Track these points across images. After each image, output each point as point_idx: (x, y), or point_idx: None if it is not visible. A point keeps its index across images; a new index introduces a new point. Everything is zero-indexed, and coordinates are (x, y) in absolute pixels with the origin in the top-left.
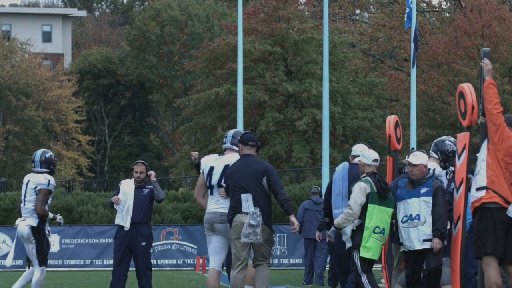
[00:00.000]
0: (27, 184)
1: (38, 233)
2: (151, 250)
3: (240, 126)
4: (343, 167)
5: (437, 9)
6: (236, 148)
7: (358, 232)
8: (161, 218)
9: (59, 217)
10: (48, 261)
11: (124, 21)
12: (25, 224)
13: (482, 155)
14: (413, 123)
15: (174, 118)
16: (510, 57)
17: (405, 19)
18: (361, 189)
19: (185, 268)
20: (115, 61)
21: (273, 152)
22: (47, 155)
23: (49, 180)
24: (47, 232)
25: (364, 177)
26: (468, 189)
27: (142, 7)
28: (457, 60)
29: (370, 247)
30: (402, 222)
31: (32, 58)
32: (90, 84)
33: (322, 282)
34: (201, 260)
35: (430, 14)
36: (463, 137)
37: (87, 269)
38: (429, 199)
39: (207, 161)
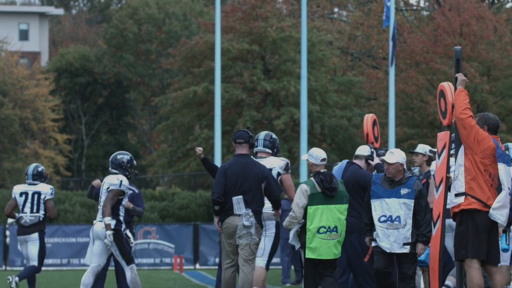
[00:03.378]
0: (103, 185)
1: (117, 234)
2: (132, 249)
3: (217, 125)
4: (339, 166)
5: (415, 7)
6: (269, 151)
7: (302, 234)
8: (138, 217)
9: (109, 234)
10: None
11: (101, 19)
12: (101, 225)
13: (460, 160)
14: (392, 122)
15: (152, 116)
16: (488, 56)
17: (384, 17)
18: (302, 191)
19: (162, 268)
20: (92, 59)
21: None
22: (119, 156)
23: (121, 181)
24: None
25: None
26: (448, 188)
27: (119, 5)
28: (436, 59)
29: (316, 248)
30: (380, 221)
31: (8, 56)
32: (67, 83)
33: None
34: (178, 259)
35: (408, 13)
36: (443, 136)
37: (64, 268)
38: (411, 202)
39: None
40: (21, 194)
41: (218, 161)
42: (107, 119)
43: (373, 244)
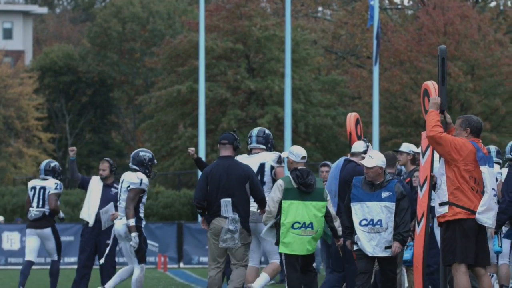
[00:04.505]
0: (122, 183)
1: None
2: (117, 248)
3: (201, 124)
4: (337, 164)
5: (399, 6)
6: (263, 147)
7: (278, 228)
8: None
9: (134, 236)
10: (9, 259)
11: (85, 18)
12: (122, 223)
13: (441, 169)
14: (376, 121)
15: (136, 115)
16: (472, 55)
17: (368, 16)
18: (277, 186)
19: (146, 267)
20: (76, 58)
21: None
22: (141, 153)
23: (141, 179)
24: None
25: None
26: (432, 187)
27: (103, 4)
28: (420, 58)
29: (289, 242)
30: (361, 225)
31: None
32: (51, 81)
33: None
34: (162, 258)
35: (392, 12)
36: None
37: (48, 267)
38: (392, 205)
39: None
40: (31, 189)
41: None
42: (91, 117)
43: (355, 247)
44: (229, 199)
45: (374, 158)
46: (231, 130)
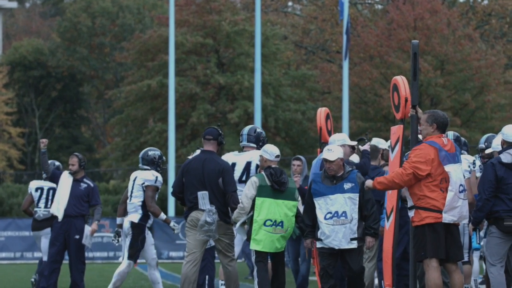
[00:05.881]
0: (134, 180)
1: (137, 229)
2: (86, 244)
3: (171, 118)
4: (316, 160)
5: (369, 1)
6: (253, 145)
7: (250, 225)
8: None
9: (173, 224)
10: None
11: (55, 12)
12: (127, 219)
13: None
14: (345, 116)
15: (105, 110)
16: (442, 50)
17: (338, 11)
18: (251, 182)
19: (116, 261)
20: (46, 53)
21: None
22: (150, 153)
23: (156, 177)
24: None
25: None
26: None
27: None
28: (390, 53)
29: (261, 240)
30: (326, 219)
31: None
32: (21, 76)
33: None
34: None
35: (362, 7)
36: (397, 130)
37: (17, 262)
38: (355, 196)
39: (228, 158)
40: (36, 189)
41: (172, 155)
42: (60, 112)
43: (318, 245)
44: (206, 192)
45: (335, 151)
46: (215, 125)
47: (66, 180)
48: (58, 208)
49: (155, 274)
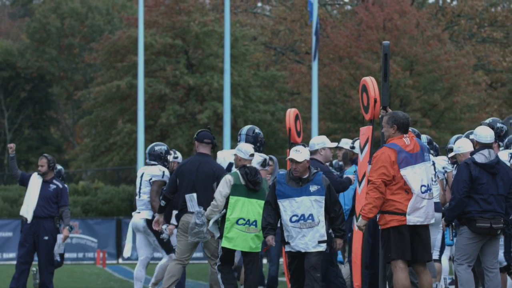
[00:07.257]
0: (141, 176)
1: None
2: (55, 246)
3: (141, 119)
4: None
5: (339, 2)
6: (251, 146)
7: (222, 223)
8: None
9: (165, 227)
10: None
11: (24, 13)
12: (140, 217)
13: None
14: (315, 116)
15: (75, 111)
16: (411, 51)
17: (308, 10)
18: (226, 181)
19: (85, 262)
20: (15, 53)
21: (174, 145)
22: (156, 148)
23: (163, 172)
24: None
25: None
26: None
27: None
28: (359, 54)
29: (232, 238)
30: (292, 221)
31: None
32: None
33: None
34: (101, 254)
35: (332, 7)
36: (366, 131)
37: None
38: (321, 198)
39: (225, 157)
40: None
41: (141, 156)
42: (30, 113)
43: (286, 248)
44: (194, 194)
45: (302, 153)
46: (206, 127)
47: (35, 182)
48: (28, 209)
49: (142, 272)
